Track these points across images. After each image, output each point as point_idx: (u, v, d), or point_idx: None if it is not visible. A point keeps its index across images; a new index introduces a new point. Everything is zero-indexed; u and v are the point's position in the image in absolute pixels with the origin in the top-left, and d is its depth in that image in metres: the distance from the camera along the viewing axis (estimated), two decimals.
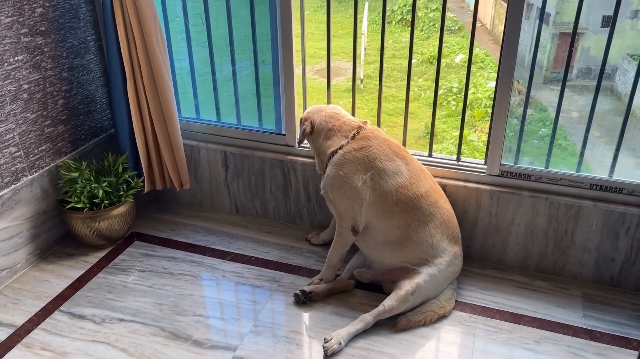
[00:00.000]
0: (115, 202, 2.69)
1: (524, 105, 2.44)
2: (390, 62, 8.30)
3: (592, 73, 3.82)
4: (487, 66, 8.15)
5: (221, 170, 2.97)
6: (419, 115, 7.14)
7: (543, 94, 4.26)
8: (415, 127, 6.79)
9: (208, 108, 3.00)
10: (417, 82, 7.94)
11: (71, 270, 2.61)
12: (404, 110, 2.65)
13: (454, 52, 8.69)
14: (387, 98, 7.22)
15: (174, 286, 2.51)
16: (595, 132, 2.49)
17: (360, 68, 7.85)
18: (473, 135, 6.61)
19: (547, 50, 4.93)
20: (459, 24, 9.74)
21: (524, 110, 2.45)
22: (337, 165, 2.31)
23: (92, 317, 2.33)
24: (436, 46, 9.13)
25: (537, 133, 2.92)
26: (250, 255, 2.73)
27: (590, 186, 2.37)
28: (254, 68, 2.80)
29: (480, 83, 7.49)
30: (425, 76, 8.18)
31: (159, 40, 2.60)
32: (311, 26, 9.06)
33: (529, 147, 2.71)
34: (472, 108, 7.14)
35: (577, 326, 2.26)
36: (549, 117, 3.23)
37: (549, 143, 2.43)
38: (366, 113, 6.81)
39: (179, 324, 2.29)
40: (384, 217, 2.28)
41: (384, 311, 2.21)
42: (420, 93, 7.73)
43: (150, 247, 2.80)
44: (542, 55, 4.99)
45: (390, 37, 9.34)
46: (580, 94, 3.50)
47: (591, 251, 2.43)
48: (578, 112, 3.27)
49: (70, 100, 2.74)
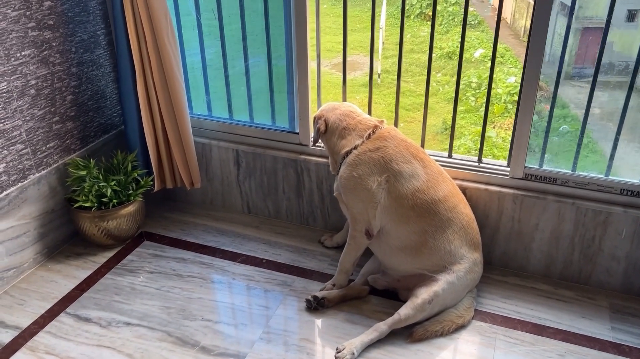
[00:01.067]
0: (124, 201, 2.63)
1: (551, 104, 2.31)
2: (409, 56, 8.16)
3: (615, 69, 3.65)
4: (507, 61, 7.96)
5: (233, 168, 2.89)
6: (437, 110, 7.00)
7: (564, 90, 4.11)
8: (434, 123, 6.66)
9: (220, 105, 2.92)
10: (435, 77, 7.80)
11: (79, 270, 2.56)
12: (423, 107, 2.53)
13: (474, 46, 8.51)
14: (404, 93, 7.09)
15: (183, 289, 2.44)
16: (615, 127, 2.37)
17: (378, 62, 7.72)
18: (492, 131, 6.46)
19: (570, 45, 4.80)
20: (479, 18, 9.55)
21: (550, 109, 2.31)
22: (351, 165, 2.21)
23: (98, 320, 2.27)
24: (455, 40, 8.91)
25: (557, 130, 2.80)
26: (262, 257, 2.64)
27: (620, 192, 2.24)
28: (267, 63, 2.71)
29: (500, 79, 7.33)
30: (444, 71, 8.03)
31: (170, 35, 2.52)
32: (328, 20, 8.95)
33: (550, 144, 2.59)
34: (491, 104, 6.99)
35: (604, 340, 2.13)
36: (570, 114, 3.11)
37: (577, 146, 2.30)
38: (383, 108, 6.69)
39: (186, 330, 2.21)
40: (399, 222, 2.18)
41: (400, 320, 2.11)
42: (438, 89, 7.59)
43: (160, 247, 2.73)
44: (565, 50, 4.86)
45: (409, 31, 9.19)
46: (603, 90, 3.34)
47: (620, 260, 2.30)
48: (600, 109, 3.12)
49: (79, 96, 2.68)
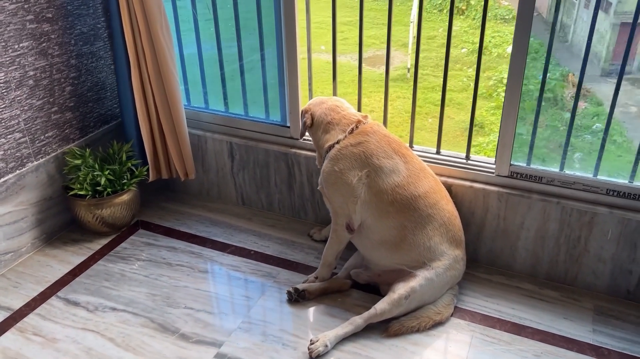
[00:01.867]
0: (118, 190, 2.70)
1: (538, 102, 2.27)
2: (440, 51, 8.07)
3: None
4: (541, 57, 7.83)
5: (227, 160, 2.93)
6: (467, 106, 6.91)
7: (600, 87, 4.01)
8: (462, 119, 6.59)
9: (216, 98, 2.96)
10: (466, 72, 7.70)
11: (73, 256, 2.64)
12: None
13: (507, 41, 8.36)
14: (434, 89, 7.04)
15: (170, 277, 2.49)
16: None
17: (408, 57, 7.66)
18: (522, 128, 6.37)
19: (607, 41, 4.68)
20: (513, 12, 9.36)
21: (537, 107, 2.28)
22: (332, 160, 2.23)
23: (86, 304, 2.34)
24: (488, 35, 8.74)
25: (590, 128, 2.74)
26: (250, 249, 2.68)
27: (606, 192, 2.19)
28: (260, 58, 2.74)
29: (533, 75, 7.21)
30: (475, 66, 7.94)
31: (164, 28, 2.56)
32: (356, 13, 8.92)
33: (580, 142, 2.54)
34: (523, 101, 6.87)
35: (583, 342, 2.10)
36: (605, 112, 3.05)
37: (564, 145, 2.26)
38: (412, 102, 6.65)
39: (169, 317, 2.27)
40: (379, 217, 2.18)
41: (376, 314, 2.12)
42: (469, 84, 7.49)
43: (153, 236, 2.80)
44: (601, 46, 4.73)
45: (441, 25, 9.09)
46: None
47: (606, 262, 2.26)
48: (637, 107, 3.07)
49: (79, 87, 2.75)
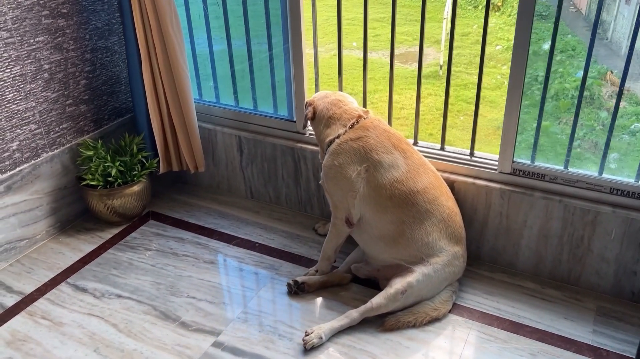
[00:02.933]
0: (129, 181, 2.77)
1: (541, 99, 2.24)
2: (473, 48, 7.97)
3: None
4: (579, 54, 7.63)
5: (236, 154, 2.98)
6: (500, 104, 6.82)
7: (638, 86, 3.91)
8: (495, 117, 6.51)
9: (227, 92, 3.01)
10: (500, 70, 7.59)
11: (85, 244, 2.73)
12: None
13: (542, 38, 8.20)
14: (467, 86, 6.97)
15: (175, 267, 2.55)
16: None
17: (440, 54, 7.61)
18: (556, 127, 6.23)
19: None
20: (551, 9, 9.18)
21: (541, 103, 2.25)
22: (333, 154, 2.24)
23: (94, 291, 2.42)
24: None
25: (628, 128, 2.68)
26: (255, 241, 2.72)
27: (610, 191, 2.15)
28: (268, 52, 2.77)
29: (569, 72, 7.04)
30: (510, 63, 7.82)
31: (174, 23, 2.62)
32: (384, 10, 8.88)
33: (618, 142, 2.47)
34: (557, 99, 6.73)
35: (582, 342, 2.07)
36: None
37: (569, 143, 2.22)
38: (442, 100, 6.61)
39: (171, 305, 2.33)
40: (377, 211, 2.19)
41: (372, 308, 2.13)
42: (502, 81, 7.39)
43: (163, 227, 2.86)
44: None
45: (475, 21, 8.97)
46: None
47: (610, 262, 2.21)
48: None
49: (93, 80, 2.84)
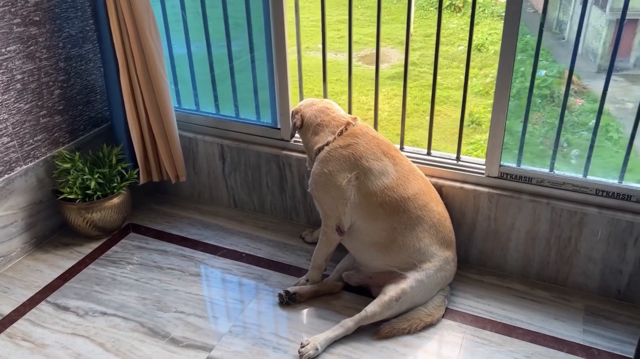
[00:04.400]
0: (108, 194, 2.68)
1: (527, 103, 2.27)
2: None
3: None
4: (540, 54, 7.81)
5: (219, 163, 2.92)
6: None
7: (597, 84, 4.05)
8: (459, 116, 6.60)
9: (207, 100, 2.95)
10: (462, 70, 7.70)
11: (64, 260, 2.63)
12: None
13: None
14: (430, 86, 7.05)
15: (161, 281, 2.48)
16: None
17: None
18: (519, 125, 6.35)
19: (603, 37, 4.71)
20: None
21: (526, 108, 2.28)
22: (322, 162, 2.22)
23: (76, 309, 2.33)
24: (485, 33, 8.68)
25: (587, 125, 2.75)
26: (242, 251, 2.67)
27: (595, 192, 2.19)
28: (250, 59, 2.73)
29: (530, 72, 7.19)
30: (473, 63, 7.92)
31: (152, 30, 2.55)
32: (357, 12, 8.92)
33: (578, 139, 2.54)
34: (519, 98, 6.88)
35: (574, 342, 2.10)
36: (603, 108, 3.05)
37: (554, 145, 2.25)
38: (409, 101, 6.65)
39: (159, 321, 2.26)
40: (368, 219, 2.18)
41: (366, 316, 2.12)
42: None
43: (145, 239, 2.79)
44: (597, 42, 4.74)
45: None
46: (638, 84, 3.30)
47: (597, 262, 2.26)
48: (633, 103, 3.09)
49: (68, 90, 2.74)
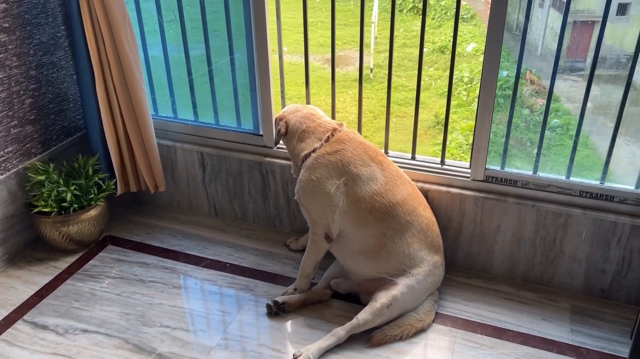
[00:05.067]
0: (85, 206, 2.59)
1: (511, 105, 2.30)
2: (401, 50, 8.15)
3: (607, 63, 3.68)
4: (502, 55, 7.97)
5: (198, 171, 2.86)
6: (429, 105, 7.01)
7: (556, 83, 4.18)
8: (425, 117, 6.67)
9: (185, 107, 2.89)
10: (428, 72, 7.81)
11: (39, 276, 2.52)
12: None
13: (466, 40, 8.51)
14: (397, 88, 7.11)
15: (143, 295, 2.41)
16: (609, 122, 2.38)
17: (370, 57, 7.72)
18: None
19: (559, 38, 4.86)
20: (472, 12, 9.53)
21: (510, 111, 2.30)
22: (309, 169, 2.19)
23: (56, 327, 2.24)
24: (448, 35, 8.88)
25: (549, 124, 2.82)
26: (226, 261, 2.62)
27: (579, 194, 2.23)
28: (230, 64, 2.68)
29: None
30: (437, 65, 8.03)
31: (129, 36, 2.48)
32: (321, 14, 8.94)
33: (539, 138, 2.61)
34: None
35: (563, 343, 2.12)
36: (562, 107, 3.14)
37: (537, 148, 2.28)
38: (375, 102, 6.71)
39: (144, 336, 2.19)
40: (358, 225, 2.16)
41: (358, 325, 2.10)
42: (430, 83, 7.60)
43: (123, 252, 2.70)
44: (555, 43, 4.89)
45: (401, 25, 9.18)
46: (596, 84, 3.38)
47: (581, 262, 2.29)
48: (592, 102, 3.17)
49: (39, 99, 2.63)
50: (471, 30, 8.85)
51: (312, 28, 8.05)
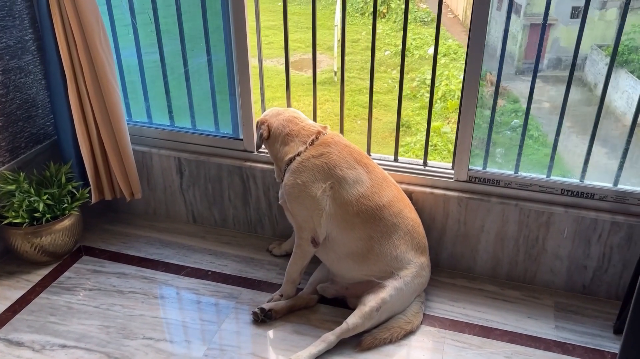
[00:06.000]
0: (58, 216, 2.49)
1: (492, 106, 2.32)
2: (364, 54, 8.19)
3: (562, 64, 3.79)
4: (460, 57, 8.09)
5: (176, 177, 2.79)
6: (393, 107, 7.06)
7: (515, 85, 4.25)
8: (390, 120, 6.72)
9: (160, 111, 2.81)
10: (390, 74, 7.86)
11: (10, 291, 2.41)
12: (368, 116, 2.50)
13: (427, 43, 8.62)
14: (360, 91, 7.13)
15: (123, 306, 2.33)
16: (567, 122, 2.43)
17: (334, 60, 7.73)
18: (447, 127, 6.54)
19: (519, 41, 4.95)
20: (432, 15, 9.67)
21: (491, 114, 2.32)
22: (295, 172, 2.16)
23: (31, 344, 2.13)
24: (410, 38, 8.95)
25: (509, 124, 2.86)
26: (207, 269, 2.56)
27: (561, 192, 2.27)
28: (207, 66, 2.62)
29: (454, 75, 7.43)
30: (399, 68, 8.11)
31: (102, 39, 2.40)
32: (278, 17, 8.90)
33: (501, 138, 2.63)
34: (445, 100, 7.10)
35: (548, 339, 2.15)
36: (521, 108, 3.19)
37: (518, 147, 2.31)
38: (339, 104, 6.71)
39: (126, 350, 2.11)
40: (344, 229, 2.14)
41: (348, 329, 2.07)
42: (394, 86, 7.67)
43: (100, 262, 2.60)
44: (514, 46, 4.99)
45: (364, 28, 9.23)
46: (553, 84, 3.47)
47: (563, 259, 2.33)
48: (550, 102, 3.24)
49: (7, 105, 2.52)
50: (431, 33, 8.98)
51: (274, 31, 8.02)
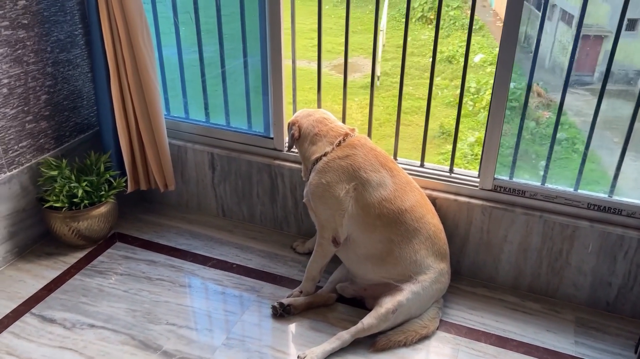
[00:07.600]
0: (95, 202, 2.62)
1: (521, 117, 2.31)
2: (409, 59, 8.15)
3: (615, 78, 3.69)
4: None
5: (208, 171, 2.88)
6: (434, 114, 7.02)
7: (565, 97, 4.20)
8: (431, 127, 6.67)
9: (197, 107, 2.92)
10: (435, 81, 7.84)
11: (48, 271, 2.55)
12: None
13: (474, 51, 8.54)
14: (404, 96, 7.12)
15: (150, 292, 2.43)
16: (615, 137, 2.39)
17: (378, 65, 7.75)
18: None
19: (569, 52, 4.89)
20: (480, 23, 9.56)
21: (520, 122, 2.32)
22: (320, 172, 2.21)
23: (63, 321, 2.26)
24: (455, 45, 8.83)
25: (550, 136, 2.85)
26: (232, 262, 2.64)
27: (587, 206, 2.24)
28: (243, 67, 2.71)
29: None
30: (444, 75, 8.05)
31: (145, 36, 2.51)
32: (330, 21, 8.98)
33: (546, 150, 2.63)
34: (487, 110, 7.03)
35: (566, 354, 2.13)
36: (568, 121, 3.15)
37: (546, 159, 2.30)
38: (382, 110, 6.73)
39: (150, 334, 2.21)
40: (365, 230, 2.18)
41: (363, 329, 2.11)
42: (437, 92, 7.63)
43: (132, 249, 2.72)
44: (564, 57, 4.91)
45: (410, 34, 9.20)
46: (606, 98, 3.43)
47: (587, 274, 2.30)
48: (599, 117, 3.20)
49: (55, 95, 2.67)
50: (479, 41, 8.87)
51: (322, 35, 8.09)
